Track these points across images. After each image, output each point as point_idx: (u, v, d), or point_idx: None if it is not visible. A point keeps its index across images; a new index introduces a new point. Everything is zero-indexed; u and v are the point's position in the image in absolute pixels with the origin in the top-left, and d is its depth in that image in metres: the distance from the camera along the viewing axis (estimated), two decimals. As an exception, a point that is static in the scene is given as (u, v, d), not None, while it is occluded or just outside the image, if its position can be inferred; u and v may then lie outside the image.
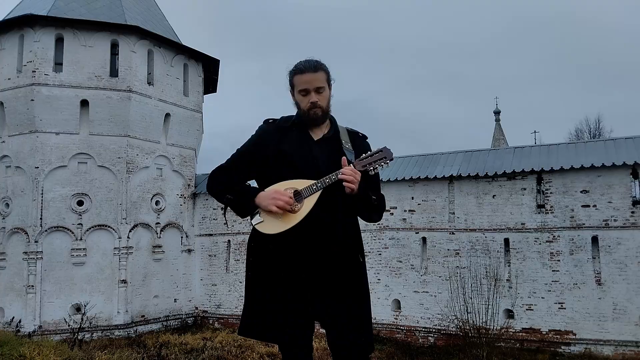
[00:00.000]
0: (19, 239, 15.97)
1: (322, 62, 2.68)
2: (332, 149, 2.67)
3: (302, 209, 2.48)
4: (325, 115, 2.70)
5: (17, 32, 16.48)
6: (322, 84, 2.64)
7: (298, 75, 2.64)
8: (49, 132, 16.10)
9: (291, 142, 2.65)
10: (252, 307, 2.66)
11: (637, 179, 12.89)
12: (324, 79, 2.65)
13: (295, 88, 2.68)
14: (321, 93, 2.64)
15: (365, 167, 2.55)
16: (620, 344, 12.50)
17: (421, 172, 15.17)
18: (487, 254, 14.13)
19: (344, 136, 2.73)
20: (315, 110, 2.63)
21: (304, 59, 2.68)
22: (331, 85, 2.71)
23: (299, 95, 2.66)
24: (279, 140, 2.66)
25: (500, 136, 34.45)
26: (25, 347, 6.75)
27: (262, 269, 2.63)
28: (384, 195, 2.82)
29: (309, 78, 2.61)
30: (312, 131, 2.70)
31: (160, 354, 12.35)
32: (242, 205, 2.61)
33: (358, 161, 2.57)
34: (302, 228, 2.48)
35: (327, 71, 2.68)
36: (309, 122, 2.68)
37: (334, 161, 2.56)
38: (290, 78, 2.70)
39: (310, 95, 2.62)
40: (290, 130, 2.70)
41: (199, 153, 20.18)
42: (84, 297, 15.55)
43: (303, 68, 2.63)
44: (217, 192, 2.70)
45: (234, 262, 18.15)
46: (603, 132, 35.37)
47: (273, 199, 2.46)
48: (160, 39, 17.72)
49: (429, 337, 14.70)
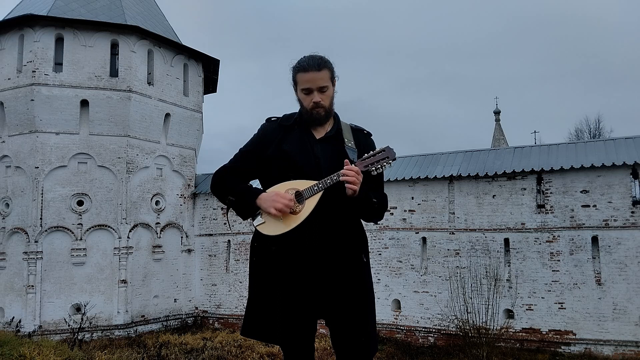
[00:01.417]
0: (19, 239, 15.97)
1: (326, 59, 2.60)
2: (335, 148, 2.62)
3: (303, 210, 2.47)
4: (328, 114, 2.64)
5: (17, 32, 16.48)
6: (326, 83, 2.57)
7: (301, 73, 2.57)
8: (49, 132, 16.10)
9: (293, 142, 2.61)
10: (255, 308, 2.64)
11: (637, 179, 12.89)
12: (327, 77, 2.57)
13: (298, 85, 2.61)
14: (324, 92, 2.57)
15: (368, 167, 2.51)
16: (620, 344, 12.50)
17: (421, 172, 15.17)
18: (487, 254, 14.13)
19: (347, 134, 2.67)
20: (318, 110, 2.58)
21: (307, 54, 2.61)
22: (335, 82, 2.64)
23: (302, 94, 2.60)
24: (281, 140, 2.63)
25: (500, 136, 34.44)
26: (25, 347, 6.74)
27: (265, 270, 2.62)
28: (386, 194, 2.77)
29: (312, 77, 2.54)
30: (315, 129, 2.66)
31: (160, 354, 12.36)
32: (244, 207, 2.59)
33: (360, 161, 2.52)
34: (304, 229, 2.47)
35: (331, 68, 2.60)
36: (311, 121, 2.63)
37: (335, 160, 2.52)
38: (293, 75, 2.62)
39: (313, 95, 2.56)
40: (292, 128, 2.66)
41: (199, 153, 20.19)
42: (84, 297, 15.55)
43: (306, 66, 2.55)
44: (220, 193, 2.68)
45: (234, 262, 18.15)
46: (603, 132, 35.40)
47: (273, 201, 2.44)
48: (160, 39, 17.72)
49: (429, 337, 14.70)
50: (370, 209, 2.59)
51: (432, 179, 14.91)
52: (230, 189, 2.63)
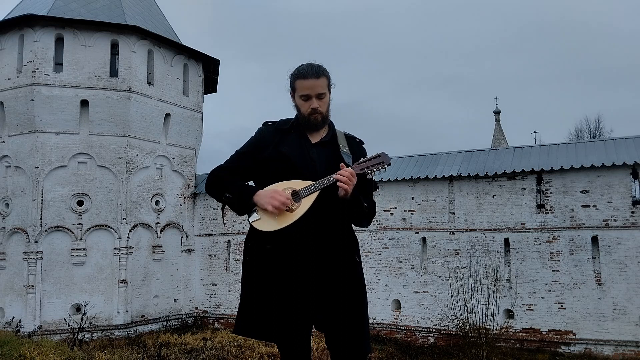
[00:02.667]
0: (19, 239, 15.97)
1: (324, 67, 2.71)
2: (330, 152, 2.71)
3: (299, 209, 2.53)
4: (325, 120, 2.74)
5: (17, 32, 16.48)
6: (324, 90, 2.68)
7: (300, 80, 2.67)
8: (49, 132, 16.10)
9: (290, 145, 2.69)
10: (249, 306, 2.68)
11: (637, 179, 12.89)
12: (325, 84, 2.68)
13: (296, 92, 2.71)
14: (322, 99, 2.68)
15: (363, 170, 2.60)
16: (620, 344, 12.50)
17: (421, 172, 15.17)
18: (487, 254, 14.13)
19: (341, 140, 2.77)
20: (316, 116, 2.68)
21: (306, 62, 2.71)
22: (331, 89, 2.75)
23: (300, 100, 2.70)
24: (278, 143, 2.71)
25: (500, 136, 34.43)
26: (25, 347, 6.75)
27: (258, 268, 2.66)
28: (375, 202, 2.87)
29: (311, 84, 2.65)
30: (311, 135, 2.75)
31: (160, 354, 12.36)
32: (241, 203, 2.64)
33: (356, 164, 2.62)
34: (299, 227, 2.52)
35: (328, 76, 2.71)
36: (308, 126, 2.72)
37: (331, 164, 2.61)
38: (291, 81, 2.73)
39: (311, 101, 2.66)
40: (289, 133, 2.74)
41: (199, 153, 20.19)
42: (84, 297, 15.55)
43: (305, 73, 2.66)
44: (216, 191, 2.74)
45: (234, 262, 18.15)
46: (603, 132, 35.39)
47: (271, 198, 2.50)
48: (160, 39, 17.72)
49: (429, 337, 14.70)
50: (361, 213, 2.68)
51: (432, 179, 14.91)
52: (226, 187, 2.68)
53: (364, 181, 2.67)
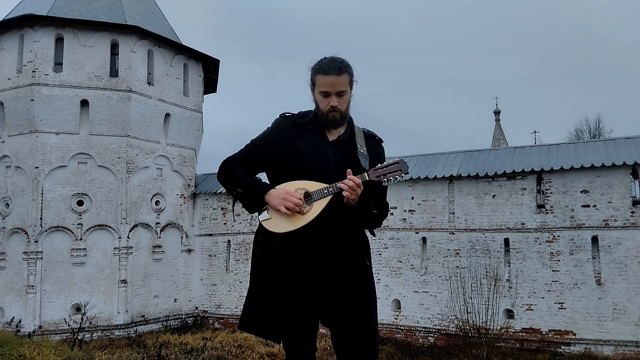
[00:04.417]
0: (19, 239, 15.97)
1: (347, 62, 2.60)
2: (347, 152, 2.62)
3: (311, 212, 2.47)
4: (344, 118, 2.65)
5: (17, 32, 16.48)
6: (345, 88, 2.57)
7: (321, 76, 2.56)
8: (49, 132, 16.09)
9: (306, 142, 2.61)
10: (255, 303, 2.64)
11: (637, 179, 12.89)
12: (347, 82, 2.58)
13: (316, 87, 2.61)
14: (342, 96, 2.58)
15: (379, 177, 2.52)
16: (620, 344, 12.50)
17: (421, 172, 15.16)
18: (487, 254, 14.13)
19: (359, 139, 2.67)
20: (334, 114, 2.59)
21: (329, 55, 2.61)
22: (353, 86, 2.64)
23: (319, 96, 2.60)
24: (295, 138, 2.62)
25: (500, 136, 34.43)
26: (25, 347, 6.74)
27: (267, 265, 2.61)
28: (387, 202, 2.78)
29: (332, 81, 2.54)
30: (329, 131, 2.66)
31: (160, 354, 12.36)
32: (252, 201, 2.58)
33: (373, 170, 2.53)
34: (310, 230, 2.47)
35: (351, 73, 2.60)
36: (326, 123, 2.63)
37: (347, 165, 2.52)
38: (312, 75, 2.62)
39: (330, 98, 2.56)
40: (307, 128, 2.65)
41: (199, 153, 20.19)
42: (84, 297, 15.55)
43: (327, 69, 2.54)
44: (228, 183, 2.67)
45: (234, 262, 18.15)
46: (603, 132, 35.37)
47: (283, 199, 2.45)
48: (160, 39, 17.72)
49: (429, 337, 14.70)
50: (369, 218, 2.60)
51: (432, 179, 14.91)
52: (239, 181, 2.62)
53: (378, 186, 2.57)
